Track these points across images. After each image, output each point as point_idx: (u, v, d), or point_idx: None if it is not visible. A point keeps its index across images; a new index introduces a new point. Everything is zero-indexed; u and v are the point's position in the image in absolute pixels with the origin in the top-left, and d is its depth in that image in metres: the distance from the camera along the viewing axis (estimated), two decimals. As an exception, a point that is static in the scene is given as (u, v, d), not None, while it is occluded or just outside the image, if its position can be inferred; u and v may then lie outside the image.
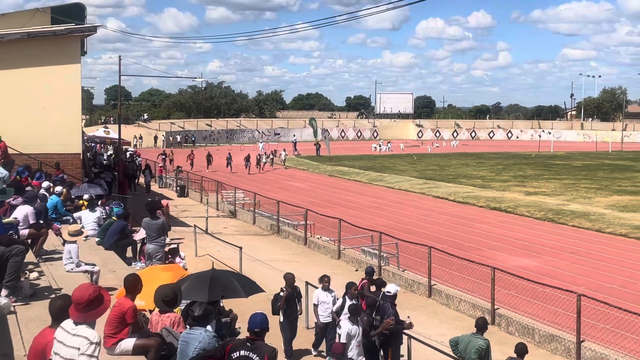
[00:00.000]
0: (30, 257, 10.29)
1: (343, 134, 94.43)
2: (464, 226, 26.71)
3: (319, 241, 22.54)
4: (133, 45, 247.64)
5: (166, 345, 7.04)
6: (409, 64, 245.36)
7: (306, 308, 13.51)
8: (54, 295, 7.89)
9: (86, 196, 16.90)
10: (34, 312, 7.95)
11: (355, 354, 9.86)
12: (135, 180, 36.72)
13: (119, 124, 37.95)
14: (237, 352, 6.30)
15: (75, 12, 24.01)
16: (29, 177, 15.81)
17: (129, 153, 41.24)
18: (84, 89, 49.73)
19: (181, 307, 8.29)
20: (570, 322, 13.09)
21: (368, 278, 12.55)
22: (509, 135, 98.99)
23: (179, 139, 76.42)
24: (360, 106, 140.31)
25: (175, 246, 15.02)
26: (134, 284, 7.41)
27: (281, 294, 11.67)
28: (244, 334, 7.62)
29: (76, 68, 21.30)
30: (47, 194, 14.84)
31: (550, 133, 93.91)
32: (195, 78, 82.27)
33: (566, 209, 30.02)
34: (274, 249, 22.54)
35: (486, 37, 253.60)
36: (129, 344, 6.95)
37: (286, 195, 32.90)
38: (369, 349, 10.40)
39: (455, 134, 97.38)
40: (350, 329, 9.87)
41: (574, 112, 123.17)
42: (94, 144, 40.47)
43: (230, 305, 10.74)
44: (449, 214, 29.78)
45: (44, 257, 11.48)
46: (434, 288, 16.62)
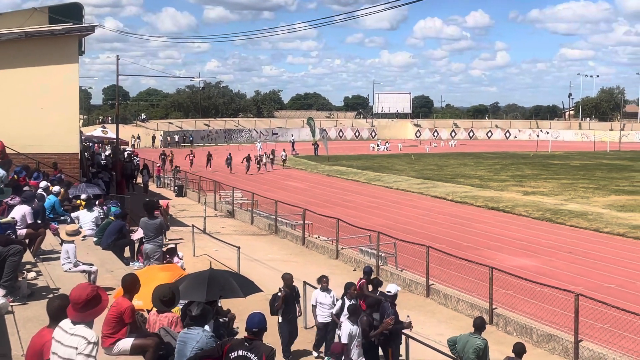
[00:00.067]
0: (27, 257, 10.27)
1: (341, 134, 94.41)
2: (462, 226, 26.72)
3: (317, 241, 22.54)
4: (131, 45, 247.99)
5: (164, 345, 7.05)
6: (407, 63, 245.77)
7: (305, 308, 13.49)
8: (51, 295, 7.87)
9: (84, 196, 16.89)
10: (31, 312, 7.94)
11: (356, 354, 9.85)
12: (133, 180, 36.73)
13: (116, 123, 37.83)
14: (235, 352, 6.30)
15: (73, 11, 23.97)
16: (26, 176, 15.77)
17: (126, 153, 41.22)
18: (81, 89, 49.77)
19: (179, 306, 8.28)
20: (568, 321, 13.11)
21: (366, 278, 12.54)
22: (507, 135, 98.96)
23: (176, 139, 76.37)
24: (358, 106, 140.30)
25: (173, 246, 15.00)
26: (131, 283, 7.43)
27: (279, 294, 11.64)
28: (241, 333, 7.61)
29: (74, 68, 21.32)
30: (44, 193, 14.83)
31: (548, 133, 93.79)
32: (193, 78, 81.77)
33: (564, 208, 30.05)
34: (272, 248, 22.53)
35: (484, 36, 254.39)
36: (126, 343, 6.94)
37: (284, 195, 32.91)
38: (368, 349, 10.39)
39: (453, 134, 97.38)
40: (352, 329, 9.86)
41: (572, 112, 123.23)
42: (91, 144, 40.35)
43: (228, 305, 10.71)
44: (447, 214, 29.80)
45: (41, 257, 11.47)
46: (432, 288, 16.63)
